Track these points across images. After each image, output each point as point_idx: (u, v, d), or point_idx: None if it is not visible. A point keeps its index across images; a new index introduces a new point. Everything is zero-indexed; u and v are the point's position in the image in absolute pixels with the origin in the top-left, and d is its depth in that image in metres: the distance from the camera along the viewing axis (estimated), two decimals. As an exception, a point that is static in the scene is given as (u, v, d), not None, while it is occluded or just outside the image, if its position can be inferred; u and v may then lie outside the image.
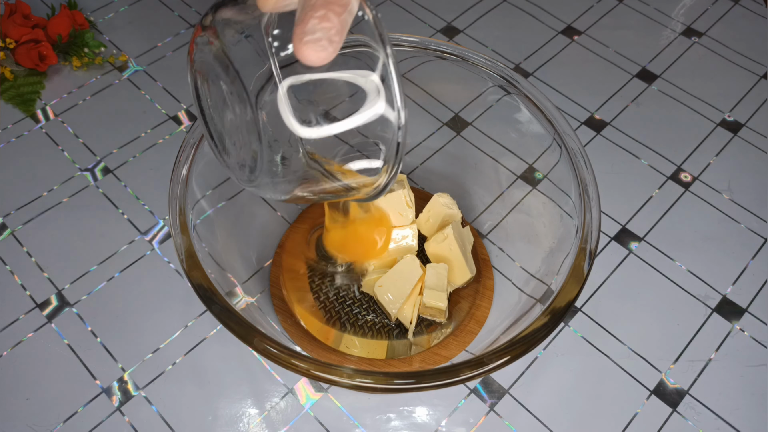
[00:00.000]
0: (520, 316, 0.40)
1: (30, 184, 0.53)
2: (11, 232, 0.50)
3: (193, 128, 0.41)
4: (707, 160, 0.57)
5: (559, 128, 0.42)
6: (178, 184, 0.38)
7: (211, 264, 0.37)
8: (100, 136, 0.56)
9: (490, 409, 0.44)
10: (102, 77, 0.61)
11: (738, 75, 0.64)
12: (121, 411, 0.43)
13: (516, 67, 0.63)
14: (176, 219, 0.37)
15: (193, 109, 0.58)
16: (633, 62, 0.64)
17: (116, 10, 0.66)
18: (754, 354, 0.46)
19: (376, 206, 0.44)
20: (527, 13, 0.68)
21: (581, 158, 0.41)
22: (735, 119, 0.60)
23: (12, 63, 0.59)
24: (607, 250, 0.51)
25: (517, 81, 0.44)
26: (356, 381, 0.32)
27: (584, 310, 0.48)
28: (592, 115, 0.60)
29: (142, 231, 0.51)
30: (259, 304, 0.45)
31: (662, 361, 0.46)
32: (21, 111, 0.57)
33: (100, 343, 0.45)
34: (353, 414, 0.43)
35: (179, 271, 0.49)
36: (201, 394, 0.43)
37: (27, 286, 0.48)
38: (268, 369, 0.45)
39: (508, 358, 0.33)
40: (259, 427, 0.42)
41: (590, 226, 0.38)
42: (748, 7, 0.70)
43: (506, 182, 0.50)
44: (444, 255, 0.46)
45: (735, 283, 0.50)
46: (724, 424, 0.43)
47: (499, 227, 0.50)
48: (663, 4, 0.69)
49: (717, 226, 0.53)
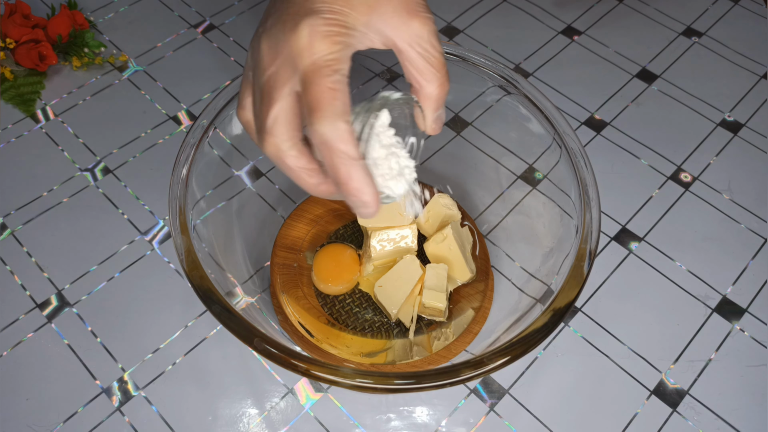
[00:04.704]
0: (520, 316, 0.40)
1: (30, 184, 0.53)
2: (11, 232, 0.50)
3: (193, 128, 0.41)
4: (707, 160, 0.57)
5: (559, 128, 0.42)
6: (178, 184, 0.38)
7: (211, 264, 0.38)
8: (100, 136, 0.56)
9: (490, 409, 0.44)
10: (102, 77, 0.61)
11: (738, 75, 0.64)
12: (121, 411, 0.43)
13: (516, 67, 0.63)
14: (176, 219, 0.37)
15: (192, 109, 0.58)
16: (633, 62, 0.64)
17: (116, 10, 0.66)
18: (754, 354, 0.46)
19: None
20: (527, 13, 0.68)
21: (581, 158, 0.41)
22: (735, 119, 0.60)
23: (12, 63, 0.59)
24: (607, 250, 0.51)
25: (517, 81, 0.44)
26: (356, 381, 0.32)
27: (584, 310, 0.48)
28: (592, 115, 0.60)
29: (142, 231, 0.51)
30: (259, 304, 0.45)
31: (662, 361, 0.46)
32: (21, 111, 0.58)
33: (100, 343, 0.45)
34: (353, 414, 0.43)
35: (179, 271, 0.49)
36: (201, 394, 0.43)
37: (27, 286, 0.48)
38: (268, 369, 0.45)
39: (508, 358, 0.33)
40: (259, 427, 0.42)
41: (590, 226, 0.38)
42: (748, 7, 0.70)
43: (506, 182, 0.50)
44: (443, 255, 0.46)
45: (735, 283, 0.50)
46: (724, 424, 0.43)
47: (499, 227, 0.50)
48: (663, 4, 0.69)
49: (717, 226, 0.53)
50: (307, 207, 0.51)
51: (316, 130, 0.28)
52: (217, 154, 0.43)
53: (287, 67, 0.28)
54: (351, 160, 0.28)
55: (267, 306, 0.46)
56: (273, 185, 0.52)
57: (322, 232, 0.50)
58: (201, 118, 0.41)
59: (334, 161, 0.28)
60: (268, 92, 0.29)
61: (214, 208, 0.43)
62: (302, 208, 0.51)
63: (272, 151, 0.29)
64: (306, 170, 0.30)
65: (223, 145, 0.44)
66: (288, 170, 0.30)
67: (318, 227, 0.50)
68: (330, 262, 0.47)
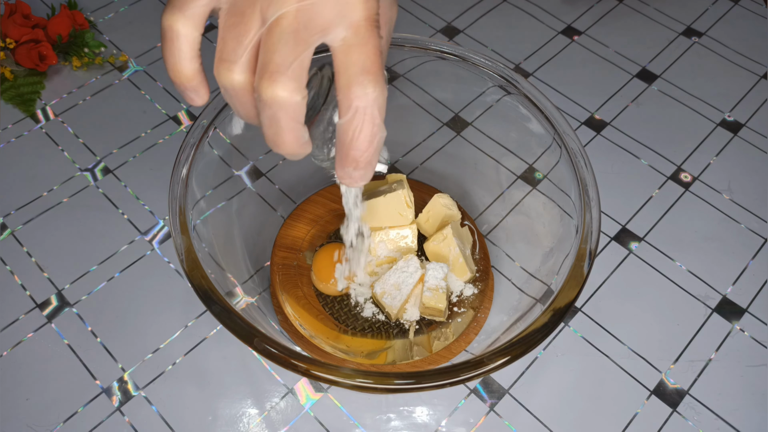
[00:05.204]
0: (520, 316, 0.40)
1: (30, 184, 0.53)
2: (11, 232, 0.50)
3: (193, 128, 0.41)
4: (707, 160, 0.57)
5: (559, 128, 0.42)
6: (178, 184, 0.38)
7: (211, 264, 0.37)
8: (100, 136, 0.56)
9: (490, 409, 0.44)
10: (102, 77, 0.61)
11: (738, 75, 0.64)
12: (121, 411, 0.43)
13: (516, 67, 0.63)
14: (176, 219, 0.37)
15: (192, 109, 0.58)
16: (633, 62, 0.64)
17: (116, 10, 0.66)
18: (754, 354, 0.46)
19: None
20: (527, 13, 0.68)
21: (581, 158, 0.41)
22: (735, 119, 0.60)
23: (12, 63, 0.59)
24: (607, 250, 0.51)
25: (517, 81, 0.44)
26: (356, 381, 0.32)
27: (584, 310, 0.48)
28: (592, 115, 0.60)
29: (142, 231, 0.51)
30: (259, 304, 0.45)
31: (662, 361, 0.46)
32: (21, 111, 0.58)
33: (100, 343, 0.45)
34: (353, 414, 0.43)
35: (179, 271, 0.49)
36: (201, 394, 0.43)
37: (27, 286, 0.48)
38: (268, 369, 0.45)
39: (508, 358, 0.33)
40: (259, 427, 0.42)
41: (590, 226, 0.38)
42: (748, 7, 0.70)
43: (506, 182, 0.50)
44: (444, 255, 0.46)
45: (735, 283, 0.50)
46: (724, 424, 0.43)
47: (499, 227, 0.50)
48: (663, 4, 0.69)
49: (717, 226, 0.53)
50: (307, 207, 0.51)
51: (368, 93, 0.26)
52: (217, 154, 0.43)
53: (332, 7, 0.25)
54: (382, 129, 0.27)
55: (267, 306, 0.46)
56: (273, 185, 0.52)
57: (322, 232, 0.50)
58: (201, 118, 0.41)
59: (369, 129, 0.26)
60: (301, 30, 0.25)
61: (214, 208, 0.43)
62: (302, 208, 0.51)
63: (278, 92, 0.25)
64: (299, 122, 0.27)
65: (223, 145, 0.44)
66: (275, 111, 0.26)
67: (318, 227, 0.50)
68: (329, 262, 0.47)
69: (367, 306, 0.46)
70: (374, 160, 0.28)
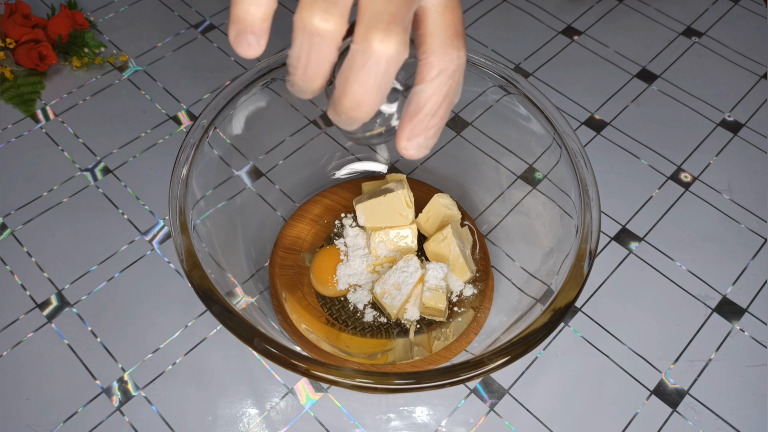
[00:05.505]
0: (520, 316, 0.40)
1: (30, 184, 0.53)
2: (11, 232, 0.50)
3: (193, 128, 0.41)
4: (707, 160, 0.57)
5: (559, 128, 0.42)
6: (178, 184, 0.38)
7: (211, 264, 0.37)
8: (100, 136, 0.56)
9: (490, 409, 0.44)
10: (102, 77, 0.61)
11: (738, 75, 0.64)
12: (121, 411, 0.43)
13: (516, 67, 0.63)
14: (176, 219, 0.37)
15: (192, 109, 0.58)
16: (633, 62, 0.64)
17: (116, 10, 0.66)
18: (754, 354, 0.46)
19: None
20: (527, 13, 0.68)
21: (581, 158, 0.41)
22: (735, 119, 0.60)
23: (12, 63, 0.59)
24: (607, 250, 0.51)
25: (517, 81, 0.44)
26: (356, 381, 0.32)
27: (584, 310, 0.48)
28: (592, 115, 0.60)
29: (142, 231, 0.51)
30: (259, 304, 0.45)
31: (662, 361, 0.46)
32: (21, 111, 0.58)
33: (100, 343, 0.45)
34: (353, 414, 0.43)
35: (179, 271, 0.49)
36: (201, 394, 0.43)
37: (27, 286, 0.48)
38: (268, 369, 0.45)
39: (508, 358, 0.33)
40: (259, 427, 0.42)
41: (590, 226, 0.38)
42: (748, 7, 0.70)
43: (506, 182, 0.50)
44: (444, 255, 0.46)
45: (735, 283, 0.50)
46: (724, 424, 0.43)
47: (499, 227, 0.50)
48: (663, 4, 0.69)
49: (717, 226, 0.53)
50: (307, 207, 0.51)
51: (460, 56, 0.25)
52: (217, 154, 0.43)
53: None
54: None
55: (267, 306, 0.46)
56: (273, 185, 0.52)
57: (322, 233, 0.50)
58: (201, 118, 0.41)
59: (454, 92, 0.26)
60: None
61: (214, 208, 0.43)
62: (303, 208, 0.51)
63: (391, 45, 0.23)
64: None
65: (223, 145, 0.44)
66: (381, 65, 0.24)
67: (318, 227, 0.50)
68: (328, 264, 0.47)
69: (368, 311, 0.46)
70: (442, 127, 0.27)
